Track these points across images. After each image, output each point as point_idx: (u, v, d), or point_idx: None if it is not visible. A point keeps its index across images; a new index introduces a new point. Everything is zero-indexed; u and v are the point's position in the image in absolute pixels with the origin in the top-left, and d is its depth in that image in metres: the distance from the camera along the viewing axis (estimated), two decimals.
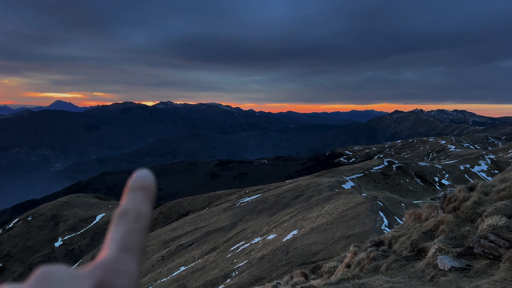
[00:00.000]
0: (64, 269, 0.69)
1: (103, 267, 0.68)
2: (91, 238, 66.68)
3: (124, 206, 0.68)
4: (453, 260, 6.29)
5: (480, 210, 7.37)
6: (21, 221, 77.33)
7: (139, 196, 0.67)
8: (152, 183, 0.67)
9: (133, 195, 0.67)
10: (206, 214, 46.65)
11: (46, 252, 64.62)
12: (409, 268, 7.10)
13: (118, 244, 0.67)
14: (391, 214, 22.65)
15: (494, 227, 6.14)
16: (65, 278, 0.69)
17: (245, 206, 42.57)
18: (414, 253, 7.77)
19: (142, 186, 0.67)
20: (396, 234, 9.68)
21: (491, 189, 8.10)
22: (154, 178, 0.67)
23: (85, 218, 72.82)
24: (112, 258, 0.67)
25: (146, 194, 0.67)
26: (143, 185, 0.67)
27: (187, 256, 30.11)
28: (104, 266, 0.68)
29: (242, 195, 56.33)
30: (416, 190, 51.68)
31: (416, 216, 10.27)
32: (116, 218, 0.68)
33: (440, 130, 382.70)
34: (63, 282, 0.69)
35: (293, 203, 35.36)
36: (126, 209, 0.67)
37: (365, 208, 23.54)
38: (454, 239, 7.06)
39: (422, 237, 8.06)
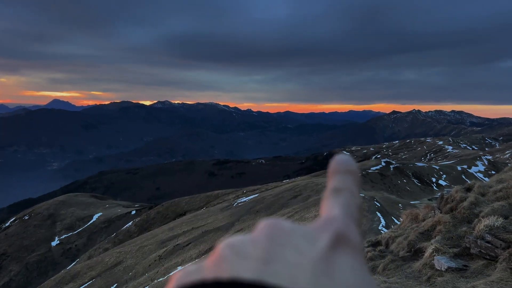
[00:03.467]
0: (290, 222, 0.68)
1: (338, 221, 0.67)
2: (88, 237, 66.51)
3: (337, 185, 0.68)
4: (450, 261, 6.29)
5: (477, 210, 7.38)
6: (17, 220, 77.05)
7: (348, 178, 0.67)
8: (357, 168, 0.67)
9: (343, 177, 0.67)
10: (204, 214, 46.58)
11: (43, 251, 64.41)
12: (406, 269, 7.10)
13: (343, 209, 0.67)
14: (388, 215, 22.69)
15: (491, 228, 6.14)
16: (298, 228, 0.67)
17: (242, 206, 42.53)
18: (411, 253, 7.77)
19: (350, 170, 0.67)
20: (393, 235, 9.68)
21: (488, 190, 8.11)
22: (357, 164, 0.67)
23: (82, 217, 72.62)
24: (343, 217, 0.67)
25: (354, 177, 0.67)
26: (350, 169, 0.67)
27: (184, 256, 30.05)
28: (339, 220, 0.67)
29: (240, 195, 56.29)
30: (413, 190, 51.76)
31: (413, 217, 10.28)
32: (331, 193, 0.68)
33: (438, 131, 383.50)
34: (297, 232, 0.67)
35: (290, 203, 35.36)
36: (340, 187, 0.68)
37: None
38: (451, 239, 7.06)
39: (419, 237, 8.06)
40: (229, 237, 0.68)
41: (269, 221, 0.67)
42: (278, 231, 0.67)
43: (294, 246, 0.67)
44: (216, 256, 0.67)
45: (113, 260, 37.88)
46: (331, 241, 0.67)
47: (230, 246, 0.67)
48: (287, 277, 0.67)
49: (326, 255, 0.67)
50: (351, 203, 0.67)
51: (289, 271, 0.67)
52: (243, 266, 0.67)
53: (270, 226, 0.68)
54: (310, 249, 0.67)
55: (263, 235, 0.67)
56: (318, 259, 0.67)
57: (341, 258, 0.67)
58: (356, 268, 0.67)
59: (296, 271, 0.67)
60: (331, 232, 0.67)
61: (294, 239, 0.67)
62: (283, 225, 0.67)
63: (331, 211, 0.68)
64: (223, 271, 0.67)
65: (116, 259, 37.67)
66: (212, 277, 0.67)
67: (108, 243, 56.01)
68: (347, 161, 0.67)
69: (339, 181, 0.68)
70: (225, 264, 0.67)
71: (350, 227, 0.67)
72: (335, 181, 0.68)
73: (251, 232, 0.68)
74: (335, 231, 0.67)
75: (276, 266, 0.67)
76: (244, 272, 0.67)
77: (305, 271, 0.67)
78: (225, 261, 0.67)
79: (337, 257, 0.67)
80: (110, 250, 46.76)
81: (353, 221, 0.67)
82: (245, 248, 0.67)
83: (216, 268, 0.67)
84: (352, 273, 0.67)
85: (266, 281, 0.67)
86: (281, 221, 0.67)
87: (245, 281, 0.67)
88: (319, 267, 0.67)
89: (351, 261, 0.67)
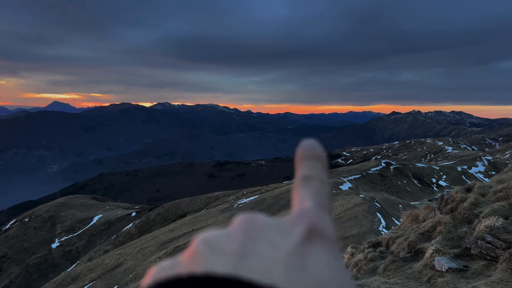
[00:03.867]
0: (265, 216, 0.68)
1: (311, 214, 0.68)
2: (88, 239, 66.46)
3: (305, 172, 0.68)
4: (451, 261, 6.29)
5: (477, 211, 7.38)
6: (17, 222, 77.01)
7: (315, 164, 0.67)
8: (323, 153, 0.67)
9: (309, 163, 0.67)
10: (204, 215, 46.56)
11: (43, 254, 64.35)
12: (407, 269, 7.10)
13: (314, 200, 0.68)
14: (388, 215, 22.68)
15: (491, 228, 6.15)
16: (272, 223, 0.68)
17: (243, 207, 42.53)
18: (411, 254, 7.77)
19: (315, 155, 0.67)
20: (394, 235, 9.69)
21: (488, 190, 8.12)
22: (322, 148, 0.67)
23: (82, 220, 72.57)
24: (315, 208, 0.68)
25: (320, 162, 0.67)
26: (316, 154, 0.67)
27: None
28: (311, 213, 0.68)
29: (240, 196, 56.27)
30: (413, 191, 51.76)
31: (413, 217, 10.29)
32: (300, 182, 0.68)
33: (438, 132, 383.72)
34: (271, 226, 0.68)
35: (290, 205, 35.29)
36: (308, 175, 0.68)
37: (362, 209, 23.56)
38: (452, 240, 7.06)
39: (419, 238, 8.06)
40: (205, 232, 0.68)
41: (244, 216, 0.68)
42: (253, 226, 0.68)
43: (268, 240, 0.68)
44: (191, 251, 0.68)
45: (114, 262, 37.85)
46: (305, 234, 0.68)
47: (205, 241, 0.68)
48: (260, 271, 0.67)
49: (300, 248, 0.68)
50: (321, 192, 0.67)
51: (263, 265, 0.68)
52: (217, 261, 0.67)
53: (245, 220, 0.68)
54: (284, 243, 0.68)
55: (238, 230, 0.68)
56: (292, 253, 0.68)
57: (315, 250, 0.68)
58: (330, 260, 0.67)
59: (269, 265, 0.67)
60: (304, 225, 0.68)
61: (269, 234, 0.68)
62: (258, 220, 0.68)
63: (303, 202, 0.68)
64: (198, 266, 0.67)
65: (117, 261, 37.64)
66: (186, 272, 0.67)
67: (108, 245, 55.96)
68: (313, 146, 0.67)
69: (308, 168, 0.68)
70: (200, 259, 0.67)
71: (323, 218, 0.67)
72: (303, 169, 0.68)
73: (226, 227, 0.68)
74: (308, 224, 0.67)
75: (250, 260, 0.68)
76: (218, 267, 0.67)
77: (279, 265, 0.68)
78: (199, 256, 0.67)
79: (311, 250, 0.67)
80: (110, 252, 46.71)
81: (325, 211, 0.67)
82: (220, 243, 0.68)
83: (191, 263, 0.67)
84: (326, 265, 0.67)
85: (240, 276, 0.67)
86: (256, 216, 0.68)
87: (219, 276, 0.67)
88: (292, 261, 0.68)
89: (325, 254, 0.67)
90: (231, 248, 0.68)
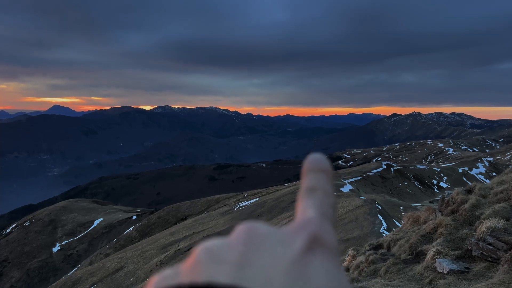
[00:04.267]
0: (267, 225, 0.68)
1: (313, 223, 0.68)
2: (89, 243, 66.41)
3: (311, 184, 0.68)
4: (452, 263, 6.28)
5: (478, 212, 7.37)
6: (18, 226, 76.98)
7: (321, 177, 0.68)
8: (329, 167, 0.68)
9: (315, 175, 0.68)
10: (205, 218, 46.53)
11: (44, 258, 64.30)
12: (408, 271, 7.09)
13: (318, 210, 0.68)
14: (389, 217, 22.65)
15: (493, 230, 6.14)
16: (273, 232, 0.68)
17: (243, 210, 42.51)
18: (412, 256, 7.76)
19: (322, 168, 0.68)
20: (395, 237, 9.67)
21: (489, 192, 8.11)
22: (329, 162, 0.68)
23: (83, 223, 72.54)
24: (317, 218, 0.68)
25: (327, 176, 0.68)
26: (322, 168, 0.68)
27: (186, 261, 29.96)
28: (314, 222, 0.68)
29: (241, 199, 56.25)
30: (414, 193, 51.70)
31: (414, 219, 10.27)
32: (305, 193, 0.68)
33: (438, 133, 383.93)
34: (272, 235, 0.68)
35: (291, 207, 35.31)
36: (314, 186, 0.68)
37: (363, 211, 23.54)
38: (453, 242, 7.05)
39: (420, 240, 8.05)
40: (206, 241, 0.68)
41: (246, 225, 0.68)
42: (254, 235, 0.68)
43: (270, 250, 0.68)
44: (192, 261, 0.68)
45: (115, 265, 37.81)
46: (306, 244, 0.68)
47: (206, 251, 0.68)
48: (261, 281, 0.68)
49: (301, 258, 0.68)
50: (325, 202, 0.68)
51: (264, 274, 0.68)
52: (218, 271, 0.68)
53: (246, 230, 0.68)
54: (285, 253, 0.68)
55: (239, 239, 0.68)
56: (293, 262, 0.68)
57: (316, 260, 0.68)
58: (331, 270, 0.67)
59: (270, 275, 0.68)
60: (306, 235, 0.68)
61: (270, 243, 0.68)
62: (259, 229, 0.68)
63: (306, 212, 0.68)
64: (199, 275, 0.67)
65: (118, 265, 37.60)
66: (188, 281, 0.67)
67: (109, 248, 55.91)
68: (320, 159, 0.68)
69: (313, 180, 0.68)
70: (201, 268, 0.68)
71: (325, 228, 0.68)
72: (308, 180, 0.68)
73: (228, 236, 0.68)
74: (310, 234, 0.68)
75: (251, 270, 0.68)
76: (219, 277, 0.68)
77: (280, 274, 0.68)
78: (201, 266, 0.68)
79: (312, 259, 0.68)
80: (111, 255, 46.67)
81: (328, 221, 0.68)
82: (221, 252, 0.68)
83: (192, 272, 0.68)
84: (327, 275, 0.67)
85: (241, 286, 0.68)
86: (258, 225, 0.68)
87: (220, 285, 0.67)
88: (293, 270, 0.68)
89: (326, 264, 0.68)
90: (232, 257, 0.68)
